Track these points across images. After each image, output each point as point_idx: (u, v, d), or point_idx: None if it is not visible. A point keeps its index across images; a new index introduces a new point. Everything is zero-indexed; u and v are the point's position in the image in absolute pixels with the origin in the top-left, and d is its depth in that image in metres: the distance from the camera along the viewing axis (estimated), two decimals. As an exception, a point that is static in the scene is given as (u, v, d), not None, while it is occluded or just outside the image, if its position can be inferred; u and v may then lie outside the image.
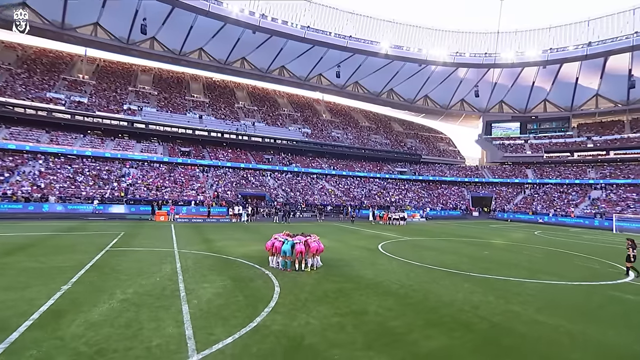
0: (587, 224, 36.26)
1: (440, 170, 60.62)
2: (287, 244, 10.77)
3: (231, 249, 14.02)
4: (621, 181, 44.15)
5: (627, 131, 50.54)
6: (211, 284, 8.91)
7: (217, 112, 53.45)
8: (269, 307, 7.37)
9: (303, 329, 6.38)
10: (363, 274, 10.67)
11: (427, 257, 13.98)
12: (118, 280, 8.84)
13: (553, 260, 14.49)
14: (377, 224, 29.81)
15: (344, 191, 49.29)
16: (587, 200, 43.53)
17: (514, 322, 7.13)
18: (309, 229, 22.85)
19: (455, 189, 56.90)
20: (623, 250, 18.57)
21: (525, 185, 52.39)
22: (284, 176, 48.91)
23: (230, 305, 7.41)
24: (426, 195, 54.26)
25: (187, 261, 11.38)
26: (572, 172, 49.96)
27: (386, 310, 7.56)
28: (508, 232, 26.76)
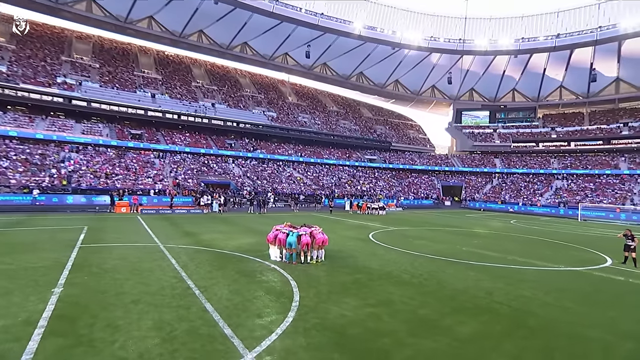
0: (554, 212, 40.31)
1: (411, 158, 63.23)
2: (292, 235, 10.95)
3: (221, 243, 13.87)
4: (580, 171, 49.36)
5: (586, 123, 56.33)
6: (221, 280, 8.89)
7: (172, 91, 50.82)
8: (295, 301, 7.59)
9: (341, 320, 6.72)
10: (369, 265, 11.22)
11: (421, 246, 14.90)
12: (115, 280, 8.50)
13: (539, 247, 16.16)
14: (356, 214, 30.73)
15: (313, 179, 49.76)
16: (551, 190, 48.19)
17: (530, 305, 8.04)
18: (289, 220, 23.09)
19: (426, 178, 59.83)
20: (594, 237, 21.17)
21: (494, 174, 56.55)
22: (249, 163, 48.17)
23: (255, 301, 7.52)
24: (397, 184, 56.49)
25: (181, 257, 11.13)
26: (537, 162, 54.81)
27: (409, 299, 8.14)
28: (486, 221, 29.01)
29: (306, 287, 8.63)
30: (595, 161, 50.30)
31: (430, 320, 6.96)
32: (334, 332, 6.24)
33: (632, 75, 51.80)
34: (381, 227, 21.34)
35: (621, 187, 44.17)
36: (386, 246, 14.77)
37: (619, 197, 41.50)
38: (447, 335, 6.30)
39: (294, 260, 10.94)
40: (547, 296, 8.76)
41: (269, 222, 21.58)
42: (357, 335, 6.17)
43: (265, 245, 13.41)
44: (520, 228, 24.77)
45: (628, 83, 53.21)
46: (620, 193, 42.66)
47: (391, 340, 6.03)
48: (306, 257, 11.08)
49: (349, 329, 6.37)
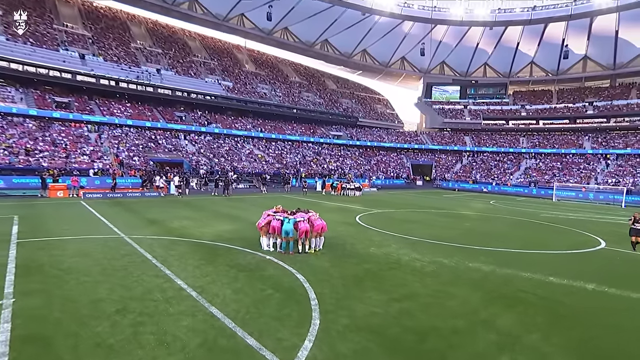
0: (526, 192, 43.15)
1: (379, 135, 64.05)
2: (288, 222, 10.35)
3: (195, 231, 12.91)
4: (548, 150, 53.08)
5: (554, 101, 60.33)
6: (217, 277, 8.14)
7: (107, 52, 46.29)
8: (313, 299, 7.12)
9: (373, 319, 6.38)
10: (372, 253, 11.02)
11: (415, 230, 15.03)
12: (83, 284, 7.42)
13: (531, 230, 16.99)
14: (329, 195, 30.53)
15: (276, 157, 48.76)
16: (520, 169, 51.44)
17: (555, 294, 8.23)
18: (260, 203, 22.33)
19: (394, 156, 61.12)
20: (577, 220, 22.79)
21: (464, 153, 59.10)
22: (203, 139, 45.93)
23: (266, 302, 6.93)
24: (365, 162, 57.14)
25: (156, 250, 10.10)
26: (507, 141, 58.05)
27: (433, 291, 8.01)
28: (467, 202, 30.23)
29: (317, 281, 8.18)
30: (562, 140, 54.30)
31: (465, 314, 6.83)
32: (372, 333, 5.88)
33: (599, 53, 55.86)
34: (364, 210, 21.31)
35: (586, 166, 48.23)
36: (380, 231, 14.69)
37: (584, 177, 45.33)
38: (491, 331, 6.20)
39: (291, 250, 10.39)
40: (566, 282, 9.06)
41: (239, 206, 20.70)
42: (398, 336, 5.86)
43: (248, 233, 12.80)
44: (502, 209, 26.08)
45: (595, 61, 57.41)
46: (585, 172, 46.59)
47: (438, 339, 5.81)
48: (304, 245, 10.58)
49: (387, 330, 6.04)
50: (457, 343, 5.74)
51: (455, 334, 6.02)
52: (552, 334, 6.16)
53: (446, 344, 5.70)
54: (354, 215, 18.61)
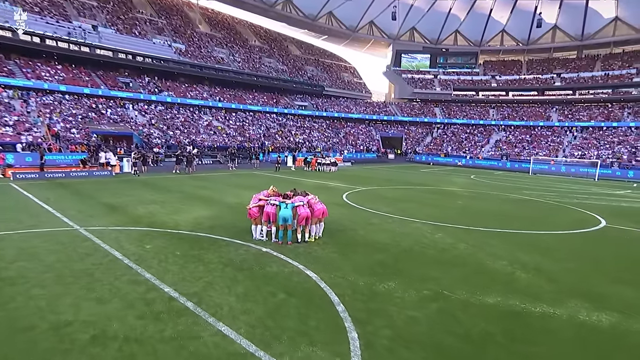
0: (501, 166, 44.42)
1: (346, 106, 63.11)
2: (286, 208, 9.18)
3: (167, 219, 11.38)
4: (517, 123, 54.91)
5: (523, 72, 62.10)
6: (212, 279, 6.91)
7: (26, 1, 40.77)
8: (338, 304, 6.15)
9: (416, 327, 5.55)
10: (378, 239, 10.21)
11: (411, 210, 14.44)
12: (34, 299, 5.89)
13: (528, 208, 16.88)
14: (302, 170, 29.36)
15: (237, 129, 46.55)
16: (491, 142, 52.91)
17: (590, 283, 7.87)
18: (232, 182, 20.80)
19: (363, 128, 60.68)
20: (563, 192, 23.37)
21: (434, 125, 59.78)
22: (154, 109, 42.68)
23: (285, 311, 5.86)
24: (333, 134, 56.25)
25: (124, 245, 8.59)
26: (477, 113, 59.33)
27: (464, 284, 7.31)
28: (448, 178, 30.34)
29: (331, 278, 7.21)
30: (530, 113, 56.30)
31: (512, 313, 6.15)
32: (423, 347, 5.05)
33: (568, 23, 57.68)
34: (348, 187, 20.50)
35: (553, 139, 50.48)
36: (374, 212, 13.92)
37: (552, 149, 47.46)
38: (549, 336, 5.58)
39: (289, 240, 9.30)
40: (591, 268, 8.77)
41: (209, 186, 19.11)
42: (457, 348, 5.08)
43: (230, 218, 11.58)
44: (486, 184, 26.38)
45: (564, 32, 59.31)
46: (553, 145, 48.77)
47: (498, 349, 5.12)
48: (303, 234, 9.52)
49: (440, 339, 5.24)
50: (517, 350, 5.06)
51: (512, 341, 5.32)
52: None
53: (507, 353, 5.00)
54: (339, 195, 17.72)
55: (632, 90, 53.32)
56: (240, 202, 14.54)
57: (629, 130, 47.93)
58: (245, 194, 16.66)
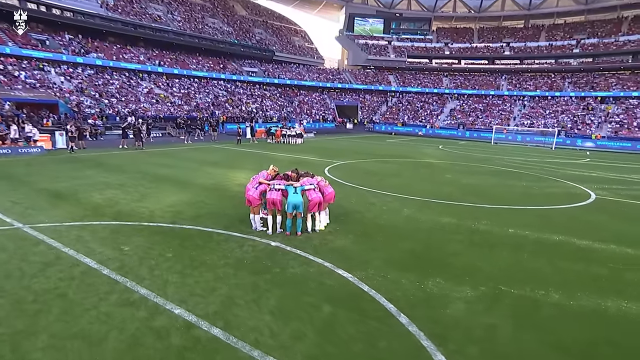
0: (460, 135, 45.33)
1: (298, 72, 60.85)
2: (295, 192, 7.85)
3: (135, 207, 9.50)
4: (469, 91, 56.34)
5: (475, 41, 63.37)
6: (230, 290, 5.52)
7: None
8: (396, 313, 5.13)
9: (504, 339, 4.71)
10: (389, 223, 9.34)
11: (404, 186, 13.78)
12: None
13: (514, 180, 16.85)
14: (264, 143, 27.52)
15: (182, 97, 42.94)
16: (446, 111, 53.94)
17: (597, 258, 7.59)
18: (195, 157, 18.70)
19: (317, 96, 59.10)
20: (537, 164, 23.94)
21: (389, 93, 59.66)
22: (82, 73, 37.75)
23: (341, 330, 4.72)
24: (286, 103, 54.20)
25: (95, 248, 6.79)
26: (431, 81, 59.97)
27: (513, 274, 6.68)
28: (418, 149, 30.20)
29: (370, 278, 6.16)
30: (482, 81, 57.96)
31: (597, 314, 5.57)
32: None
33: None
34: (324, 162, 19.33)
35: (504, 108, 52.54)
36: (368, 189, 12.95)
37: (504, 118, 49.43)
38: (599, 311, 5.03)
39: (299, 230, 8.03)
40: (611, 245, 8.55)
41: (170, 163, 17.01)
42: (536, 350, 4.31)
43: (213, 204, 10.09)
44: (460, 155, 26.61)
45: (513, 0, 60.87)
46: (504, 114, 50.78)
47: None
48: (313, 222, 8.30)
49: (541, 355, 4.44)
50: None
51: (609, 345, 4.68)
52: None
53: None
54: (320, 170, 16.51)
55: (571, 61, 56.62)
56: (217, 183, 12.85)
57: (570, 100, 51.06)
58: (217, 172, 14.92)
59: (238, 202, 10.41)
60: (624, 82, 51.10)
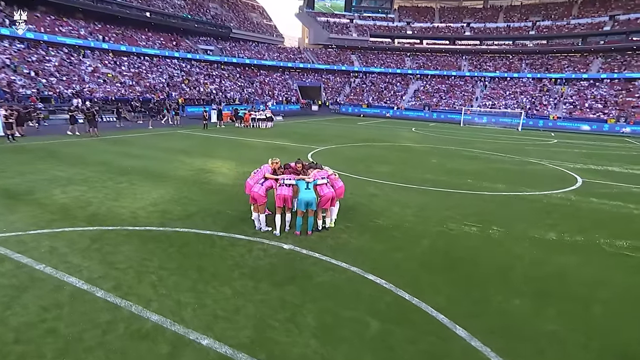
0: (428, 117, 45.70)
1: (257, 51, 58.76)
2: (307, 188, 7.12)
3: (112, 207, 8.32)
4: (432, 72, 57.06)
5: (436, 20, 63.93)
6: (252, 308, 4.78)
7: None
8: (451, 325, 4.66)
9: (574, 349, 4.39)
10: (399, 217, 8.81)
11: (396, 173, 13.50)
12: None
13: (499, 163, 17.02)
14: (232, 127, 26.09)
15: (133, 77, 40.05)
16: (410, 92, 54.36)
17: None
18: (162, 145, 17.21)
19: (278, 77, 57.51)
20: (512, 145, 24.47)
21: (352, 73, 59.12)
22: (10, 46, 33.93)
23: (400, 349, 4.18)
24: (247, 84, 52.29)
25: (73, 261, 5.70)
26: (394, 61, 60.03)
27: (528, 266, 6.48)
28: (392, 131, 30.00)
29: (403, 281, 5.66)
30: (444, 62, 58.85)
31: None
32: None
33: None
34: (305, 148, 18.55)
35: (466, 89, 53.77)
36: (362, 178, 12.42)
37: (467, 99, 50.61)
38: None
39: (309, 229, 7.35)
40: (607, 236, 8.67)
41: (133, 152, 15.54)
42: None
43: (202, 199, 9.18)
44: (435, 137, 26.78)
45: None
46: (466, 95, 51.99)
47: None
48: (324, 219, 7.64)
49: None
50: None
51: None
52: None
53: None
54: (302, 157, 15.75)
55: (528, 42, 58.78)
56: (196, 175, 11.74)
57: (528, 81, 53.15)
58: (193, 162, 13.72)
59: (227, 197, 9.54)
60: (575, 64, 53.85)
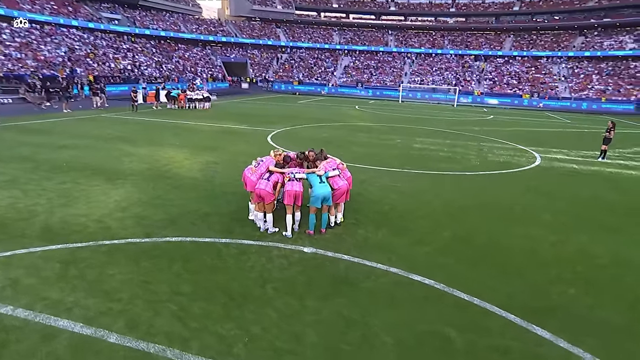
0: (364, 94, 45.87)
1: (173, 22, 54.32)
2: (322, 182, 6.42)
3: (66, 215, 6.79)
4: (360, 47, 57.58)
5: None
6: (314, 336, 4.08)
7: None
8: (525, 324, 4.46)
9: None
10: (402, 205, 8.51)
11: (373, 156, 13.33)
12: None
13: (462, 140, 17.48)
14: (166, 109, 23.50)
15: (22, 48, 34.66)
16: (340, 68, 54.37)
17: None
18: (88, 132, 14.85)
19: (199, 52, 53.94)
20: (458, 121, 25.57)
21: (280, 48, 57.44)
22: None
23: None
24: (164, 59, 48.25)
25: (54, 296, 4.41)
26: (321, 36, 59.40)
27: (552, 246, 6.63)
28: (339, 110, 29.87)
29: (458, 282, 5.34)
30: (371, 37, 59.69)
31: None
32: None
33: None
34: (259, 131, 17.47)
35: (394, 65, 55.25)
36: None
37: (396, 76, 52.07)
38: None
39: (323, 227, 6.70)
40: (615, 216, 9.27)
41: (56, 142, 13.17)
42: None
43: (179, 199, 8.07)
44: (385, 116, 27.19)
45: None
46: (395, 71, 53.45)
47: None
48: (336, 214, 7.03)
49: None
50: None
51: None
52: None
53: None
54: (264, 142, 14.76)
55: (449, 19, 61.93)
56: (155, 169, 10.20)
57: (452, 58, 56.19)
58: (141, 153, 11.98)
59: (205, 194, 8.42)
60: (491, 42, 58.08)
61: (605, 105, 41.84)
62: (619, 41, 51.68)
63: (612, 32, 53.48)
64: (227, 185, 8.97)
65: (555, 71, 52.13)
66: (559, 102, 43.86)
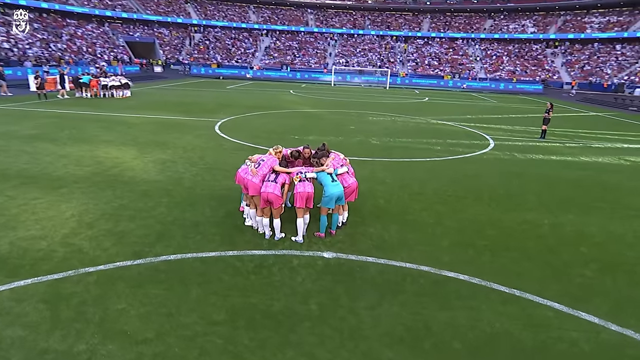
0: (292, 77, 44.97)
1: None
2: (334, 181, 6.14)
3: (13, 237, 5.68)
4: (280, 27, 56.66)
5: (278, -31, 62.85)
6: (385, 353, 3.94)
7: None
8: (588, 316, 4.75)
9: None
10: (397, 198, 8.54)
11: (334, 146, 12.91)
12: None
13: (413, 126, 17.98)
14: (75, 98, 20.80)
15: None
16: (261, 49, 53.04)
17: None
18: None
19: (96, 29, 48.97)
20: (403, 105, 26.25)
21: (191, 27, 54.30)
22: None
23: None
24: (52, 37, 43.06)
25: (68, 343, 3.70)
26: (237, 14, 57.26)
27: (552, 227, 7.19)
28: (275, 95, 29.33)
29: (503, 278, 5.49)
30: (290, 16, 59.01)
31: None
32: None
33: None
34: (199, 121, 16.30)
35: (317, 46, 55.35)
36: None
37: (320, 57, 52.26)
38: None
39: (333, 228, 6.45)
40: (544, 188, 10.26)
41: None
42: None
43: (153, 205, 7.24)
44: (324, 101, 27.22)
45: None
46: (320, 52, 53.60)
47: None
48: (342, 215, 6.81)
49: None
50: None
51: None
52: None
53: None
54: (213, 134, 13.84)
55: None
56: (99, 172, 8.97)
57: (374, 38, 57.84)
58: (75, 153, 10.47)
59: (180, 199, 7.67)
60: (410, 23, 60.88)
61: (519, 86, 46.32)
62: (521, 25, 57.36)
63: (515, 16, 59.17)
64: (200, 187, 8.26)
65: (471, 52, 56.34)
66: (480, 82, 47.64)
